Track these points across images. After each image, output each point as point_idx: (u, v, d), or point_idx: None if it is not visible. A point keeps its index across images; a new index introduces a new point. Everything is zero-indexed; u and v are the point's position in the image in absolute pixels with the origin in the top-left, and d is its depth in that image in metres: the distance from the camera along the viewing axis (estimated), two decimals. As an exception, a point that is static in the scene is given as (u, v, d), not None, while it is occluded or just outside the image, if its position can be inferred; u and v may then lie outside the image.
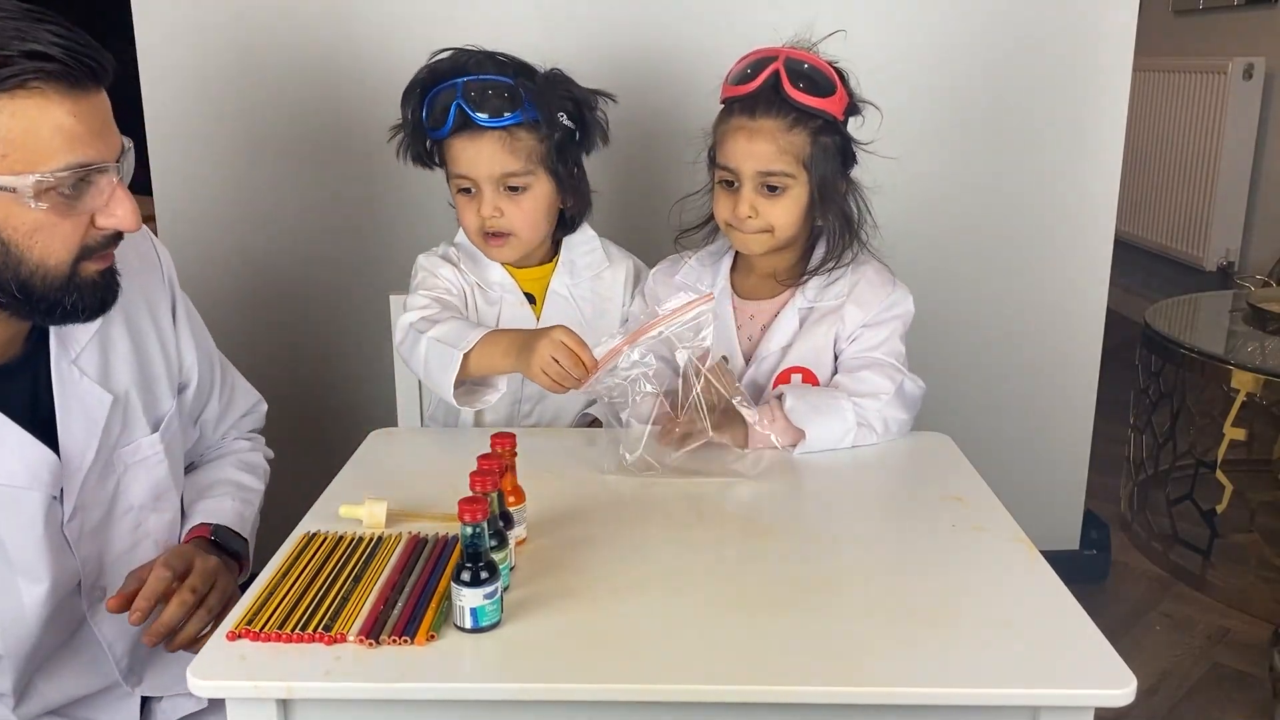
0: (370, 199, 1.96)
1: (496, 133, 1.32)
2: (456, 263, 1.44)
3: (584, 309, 1.45)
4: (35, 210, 0.92)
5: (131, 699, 1.16)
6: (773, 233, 1.36)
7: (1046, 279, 2.08)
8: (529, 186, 1.36)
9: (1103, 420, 2.18)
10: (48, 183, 0.91)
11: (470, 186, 1.37)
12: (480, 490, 0.91)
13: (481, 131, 1.32)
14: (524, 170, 1.34)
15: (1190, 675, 1.97)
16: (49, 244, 0.95)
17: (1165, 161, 3.75)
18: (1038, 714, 0.83)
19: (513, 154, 1.33)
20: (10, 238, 0.93)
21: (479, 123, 1.31)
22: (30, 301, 0.97)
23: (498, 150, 1.33)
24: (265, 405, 1.37)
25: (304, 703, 0.84)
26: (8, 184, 0.91)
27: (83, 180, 0.94)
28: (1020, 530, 1.06)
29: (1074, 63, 1.97)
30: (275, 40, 1.87)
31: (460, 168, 1.36)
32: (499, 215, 1.36)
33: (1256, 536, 2.33)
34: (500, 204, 1.36)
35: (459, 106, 1.31)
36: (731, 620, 0.90)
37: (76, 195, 0.94)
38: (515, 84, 1.32)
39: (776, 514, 1.13)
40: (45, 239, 0.94)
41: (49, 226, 0.94)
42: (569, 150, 1.38)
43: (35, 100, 0.90)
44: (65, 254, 0.96)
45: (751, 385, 1.42)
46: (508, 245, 1.39)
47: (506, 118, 1.31)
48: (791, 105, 1.31)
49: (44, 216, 0.93)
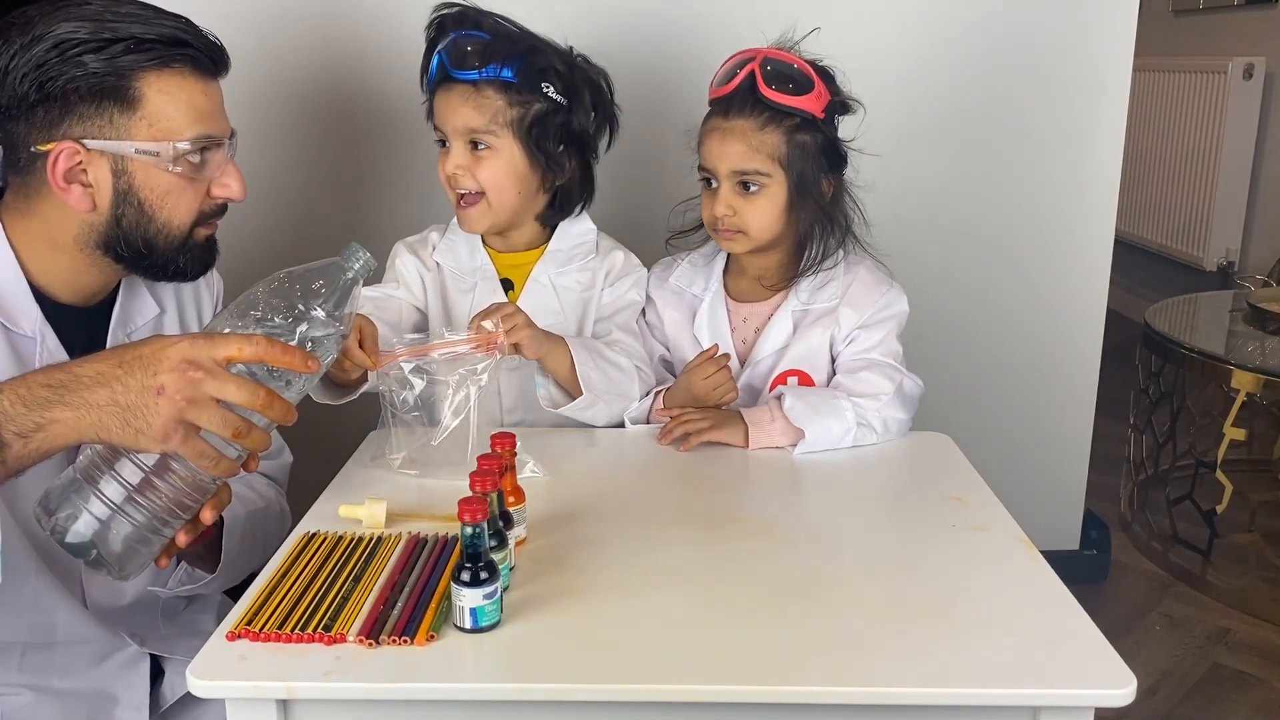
0: (370, 193, 1.96)
1: (465, 86, 1.33)
2: (430, 247, 1.45)
3: (564, 299, 1.43)
4: (169, 174, 1.06)
5: (141, 662, 1.17)
6: (750, 232, 1.36)
7: (1047, 279, 2.08)
8: (492, 148, 1.35)
9: (1103, 420, 2.18)
10: (182, 150, 1.06)
11: (444, 139, 1.37)
12: (480, 490, 0.91)
13: (454, 83, 1.33)
14: (486, 129, 1.33)
15: (1190, 675, 1.97)
16: (176, 206, 1.08)
17: (1165, 161, 3.75)
18: (1038, 714, 0.83)
19: (477, 109, 1.33)
20: (146, 198, 1.07)
21: (452, 74, 1.33)
22: (150, 257, 1.10)
23: (462, 104, 1.33)
24: (290, 457, 1.37)
25: (304, 703, 0.84)
26: (151, 149, 1.05)
27: (205, 151, 1.09)
28: (1020, 530, 1.06)
29: (1074, 62, 1.97)
30: (275, 39, 1.87)
31: (437, 119, 1.37)
32: (462, 172, 1.35)
33: (1256, 536, 2.33)
34: (465, 161, 1.35)
35: (439, 58, 1.33)
36: (732, 620, 0.90)
37: (200, 165, 1.09)
38: (493, 41, 1.32)
39: (776, 514, 1.13)
40: (174, 201, 1.08)
41: (178, 190, 1.08)
42: (548, 123, 1.35)
43: (176, 79, 1.05)
44: (186, 217, 1.10)
45: (747, 387, 1.42)
46: (477, 210, 1.37)
47: (477, 71, 1.31)
48: (766, 104, 1.32)
49: (175, 180, 1.07)
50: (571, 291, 1.44)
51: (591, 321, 1.44)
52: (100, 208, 1.06)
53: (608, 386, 1.34)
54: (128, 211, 1.07)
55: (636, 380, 1.38)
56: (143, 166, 1.05)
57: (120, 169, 1.05)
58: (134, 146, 1.04)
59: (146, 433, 0.86)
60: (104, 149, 1.04)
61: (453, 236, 1.45)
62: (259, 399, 0.88)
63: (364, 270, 0.97)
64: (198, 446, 0.88)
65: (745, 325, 1.45)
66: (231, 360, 0.88)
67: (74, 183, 1.04)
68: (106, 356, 0.89)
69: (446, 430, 1.16)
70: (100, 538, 0.90)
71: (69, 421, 0.86)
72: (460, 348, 1.16)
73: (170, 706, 1.19)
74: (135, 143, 1.04)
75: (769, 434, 1.29)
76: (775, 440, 1.29)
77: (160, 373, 0.86)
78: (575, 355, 1.30)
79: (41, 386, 0.87)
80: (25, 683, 1.11)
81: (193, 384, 0.86)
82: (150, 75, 1.04)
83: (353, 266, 0.96)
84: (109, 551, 0.91)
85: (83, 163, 1.04)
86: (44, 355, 1.08)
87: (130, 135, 1.04)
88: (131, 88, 1.03)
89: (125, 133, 1.04)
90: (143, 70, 1.03)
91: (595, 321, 1.45)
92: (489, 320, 1.21)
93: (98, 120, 1.03)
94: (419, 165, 1.40)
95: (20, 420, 0.86)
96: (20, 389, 0.87)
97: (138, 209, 1.07)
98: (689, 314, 1.46)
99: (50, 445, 0.88)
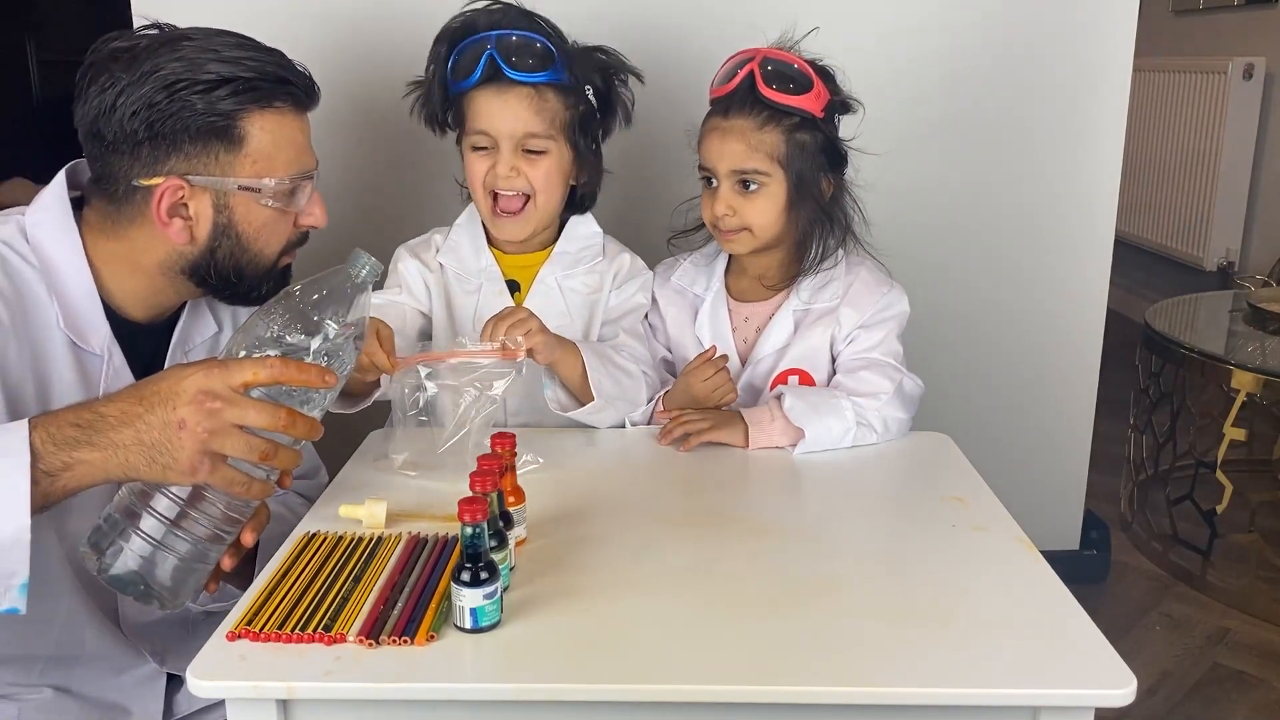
0: (370, 192, 1.96)
1: (526, 89, 1.29)
2: (433, 249, 1.43)
3: (571, 301, 1.42)
4: (267, 209, 1.09)
5: (158, 679, 1.17)
6: (751, 231, 1.36)
7: (1047, 279, 2.08)
8: (548, 152, 1.33)
9: (1103, 420, 2.18)
10: (282, 187, 1.09)
11: (488, 144, 1.33)
12: (480, 490, 0.91)
13: (511, 85, 1.29)
14: (545, 134, 1.32)
15: (1190, 675, 1.97)
16: (269, 238, 1.12)
17: (1165, 161, 3.75)
18: (1038, 714, 0.83)
19: (538, 114, 1.31)
20: (244, 231, 1.09)
21: (510, 75, 1.28)
22: (239, 285, 1.13)
23: (523, 108, 1.30)
24: (325, 478, 1.34)
25: (304, 703, 0.84)
26: (253, 185, 1.08)
27: (298, 184, 1.11)
28: (1020, 530, 1.06)
29: (1074, 63, 1.97)
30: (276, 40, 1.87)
31: (480, 123, 1.32)
32: (515, 175, 1.33)
33: (1256, 536, 2.33)
34: (517, 164, 1.33)
35: (491, 56, 1.28)
36: (731, 620, 0.90)
37: (292, 198, 1.12)
38: (550, 42, 1.30)
39: (776, 514, 1.13)
40: (268, 234, 1.11)
41: (273, 223, 1.11)
42: (590, 125, 1.36)
43: (277, 117, 1.08)
44: (277, 247, 1.13)
45: (748, 387, 1.42)
46: (523, 215, 1.36)
47: (539, 74, 1.29)
48: (765, 104, 1.32)
49: (271, 215, 1.10)
50: (578, 294, 1.43)
51: (598, 324, 1.44)
52: (198, 240, 1.08)
53: (618, 392, 1.34)
54: (224, 244, 1.09)
55: (644, 386, 1.38)
56: (243, 201, 1.08)
57: (222, 204, 1.08)
58: (237, 183, 1.07)
59: (174, 467, 0.87)
60: (208, 185, 1.06)
61: (456, 237, 1.44)
62: (280, 420, 0.89)
63: (371, 275, 0.97)
64: (226, 475, 0.89)
65: (746, 325, 1.45)
66: (248, 385, 0.89)
67: (175, 217, 1.07)
68: (129, 394, 0.90)
69: (452, 439, 1.16)
70: (147, 572, 0.92)
71: (96, 462, 0.87)
72: (481, 359, 1.16)
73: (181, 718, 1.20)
74: (238, 179, 1.07)
75: (769, 434, 1.29)
76: (775, 440, 1.29)
77: (179, 406, 0.87)
78: (587, 360, 1.30)
79: (70, 426, 0.88)
80: (46, 683, 1.11)
81: (212, 415, 0.86)
82: (254, 115, 1.06)
83: (360, 273, 0.97)
84: (158, 584, 0.93)
85: (185, 198, 1.06)
86: (109, 374, 1.09)
87: (234, 173, 1.07)
88: (237, 127, 1.06)
89: (229, 170, 1.07)
90: (247, 111, 1.06)
91: (602, 324, 1.44)
92: (504, 330, 1.20)
93: (204, 158, 1.05)
94: (422, 167, 1.39)
95: (49, 459, 0.87)
96: (50, 427, 0.88)
97: (235, 241, 1.09)
98: (690, 314, 1.46)
99: (77, 484, 0.88)
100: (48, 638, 1.10)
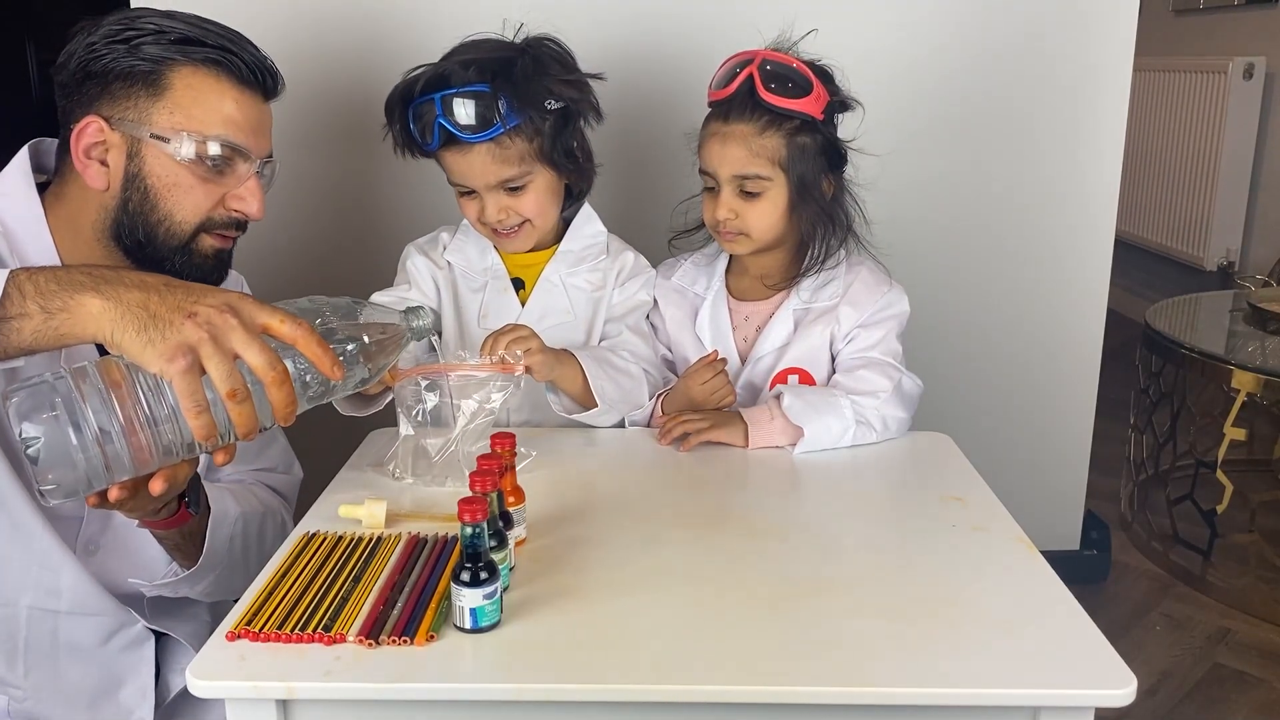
0: (369, 195, 1.96)
1: (485, 145, 1.30)
2: (440, 247, 1.45)
3: (575, 299, 1.44)
4: (179, 165, 1.08)
5: (146, 642, 1.17)
6: (753, 234, 1.36)
7: (1047, 279, 2.08)
8: (529, 184, 1.35)
9: (1103, 420, 2.18)
10: (197, 146, 1.08)
11: (471, 190, 1.36)
12: (480, 490, 0.91)
13: (469, 146, 1.30)
14: (520, 173, 1.33)
15: (1190, 675, 1.97)
16: (180, 201, 1.10)
17: (1165, 161, 3.75)
18: (1038, 714, 0.83)
19: (505, 162, 1.32)
20: (153, 185, 1.09)
21: (464, 139, 1.30)
22: (149, 248, 1.11)
23: (490, 161, 1.31)
24: (300, 474, 1.36)
25: (304, 703, 0.84)
26: (164, 135, 1.07)
27: (227, 160, 1.10)
28: (1020, 530, 1.06)
29: (1074, 62, 1.97)
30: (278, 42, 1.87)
31: (456, 177, 1.36)
32: (505, 214, 1.35)
33: (1257, 536, 2.33)
34: (504, 204, 1.35)
35: (440, 125, 1.29)
36: (732, 620, 0.90)
37: (217, 171, 1.10)
38: (493, 93, 1.28)
39: (776, 514, 1.13)
40: (179, 196, 1.09)
41: (185, 186, 1.09)
42: (564, 137, 1.35)
43: (209, 80, 1.09)
44: (191, 216, 1.11)
45: (748, 386, 1.42)
46: (522, 234, 1.38)
47: (490, 130, 1.29)
48: (765, 108, 1.32)
49: (184, 176, 1.09)
50: (582, 291, 1.44)
51: (601, 322, 1.45)
52: (112, 188, 1.09)
53: (621, 396, 1.35)
54: (134, 195, 1.09)
55: (645, 385, 1.39)
56: (155, 153, 1.08)
57: (134, 151, 1.08)
58: (150, 131, 1.07)
59: (157, 344, 0.84)
60: (124, 130, 1.08)
61: (463, 236, 1.46)
62: (273, 372, 0.86)
63: (418, 336, 1.02)
64: (192, 384, 0.85)
65: (747, 324, 1.45)
66: (269, 329, 0.88)
67: (93, 159, 1.08)
68: (157, 275, 0.90)
69: (446, 450, 1.16)
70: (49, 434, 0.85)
71: (94, 309, 0.85)
72: (479, 373, 1.17)
73: (172, 701, 1.19)
74: (153, 128, 1.07)
75: (768, 433, 1.29)
76: (774, 439, 1.29)
77: (200, 302, 0.86)
78: (587, 370, 1.31)
79: (82, 273, 0.88)
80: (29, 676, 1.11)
81: (224, 326, 0.85)
82: (184, 69, 1.08)
83: (413, 326, 1.01)
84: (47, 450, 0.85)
85: (105, 142, 1.08)
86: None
87: (150, 121, 1.08)
88: (163, 76, 1.07)
89: (146, 117, 1.08)
90: (178, 64, 1.08)
91: (605, 322, 1.45)
92: (504, 345, 1.21)
93: (125, 102, 1.07)
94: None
95: (50, 296, 0.86)
96: (61, 272, 0.88)
97: (143, 194, 1.09)
98: (690, 313, 1.47)
99: (68, 331, 0.86)
100: (26, 579, 1.08)
